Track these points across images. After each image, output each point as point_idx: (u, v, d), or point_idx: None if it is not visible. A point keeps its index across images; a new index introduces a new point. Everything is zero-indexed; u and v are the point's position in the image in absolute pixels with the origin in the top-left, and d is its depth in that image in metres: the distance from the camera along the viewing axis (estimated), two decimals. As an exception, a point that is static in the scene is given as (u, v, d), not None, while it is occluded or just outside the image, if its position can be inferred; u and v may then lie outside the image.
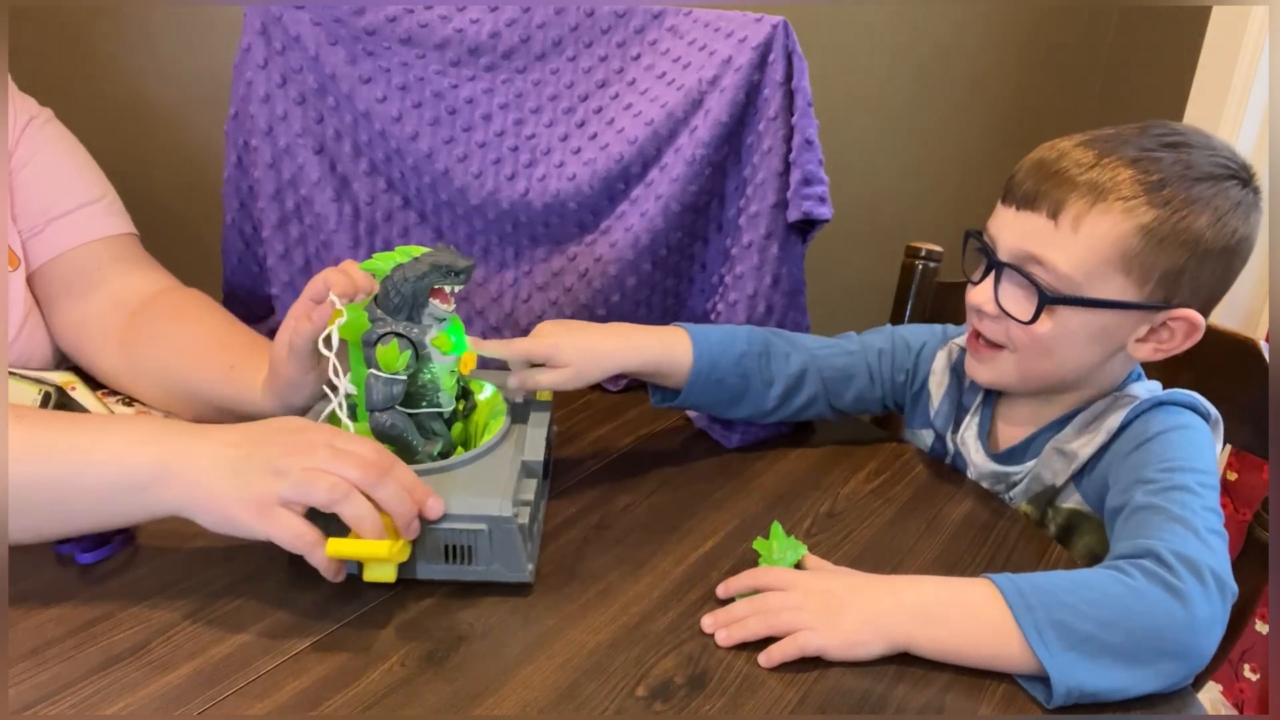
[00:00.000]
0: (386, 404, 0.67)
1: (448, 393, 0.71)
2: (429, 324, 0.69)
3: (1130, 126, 0.72)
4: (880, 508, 0.80)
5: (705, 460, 0.88)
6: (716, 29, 0.96)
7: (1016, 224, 0.72)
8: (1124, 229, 0.68)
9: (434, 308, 0.69)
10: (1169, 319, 0.70)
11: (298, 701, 0.56)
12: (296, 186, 1.00)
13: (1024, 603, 0.59)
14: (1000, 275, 0.73)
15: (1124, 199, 0.67)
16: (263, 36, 0.97)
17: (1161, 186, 0.67)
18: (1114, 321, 0.71)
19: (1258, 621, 1.34)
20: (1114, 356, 0.74)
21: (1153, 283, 0.69)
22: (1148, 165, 0.68)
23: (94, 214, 0.90)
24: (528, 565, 0.65)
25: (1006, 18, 1.51)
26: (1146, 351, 0.72)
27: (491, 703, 0.57)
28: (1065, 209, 0.69)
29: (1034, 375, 0.76)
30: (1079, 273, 0.69)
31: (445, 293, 0.68)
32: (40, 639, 0.60)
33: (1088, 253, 0.68)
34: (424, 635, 0.62)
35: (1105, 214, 0.68)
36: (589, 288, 0.99)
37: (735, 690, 0.58)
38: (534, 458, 0.70)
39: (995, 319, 0.74)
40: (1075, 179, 0.69)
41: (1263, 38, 1.25)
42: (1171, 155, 0.69)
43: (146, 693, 0.56)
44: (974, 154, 1.58)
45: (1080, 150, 0.70)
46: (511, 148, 0.99)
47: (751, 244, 0.94)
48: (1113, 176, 0.68)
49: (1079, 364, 0.74)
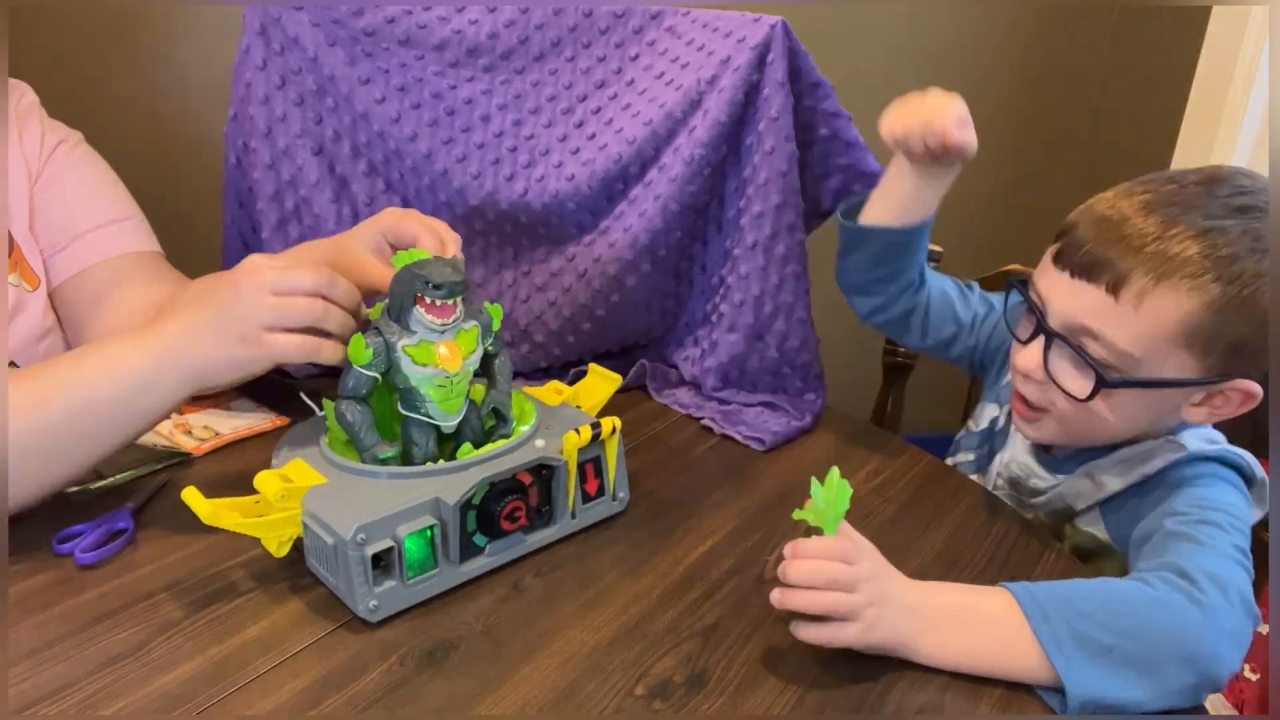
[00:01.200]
0: (345, 394, 0.67)
1: (438, 406, 0.68)
2: (416, 331, 0.67)
3: (1194, 180, 0.67)
4: (880, 507, 0.80)
5: (705, 460, 0.88)
6: (715, 29, 0.96)
7: (1072, 294, 0.68)
8: (1189, 308, 0.64)
9: (419, 316, 0.66)
10: (1229, 389, 0.67)
11: (298, 701, 0.56)
12: (295, 188, 1.00)
13: (1041, 613, 0.58)
14: (1050, 343, 0.70)
15: (1191, 276, 0.63)
16: (261, 38, 0.97)
17: (1230, 262, 0.63)
18: (1169, 394, 0.68)
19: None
20: (1166, 418, 0.72)
21: (1214, 356, 0.66)
22: (1216, 237, 0.64)
23: (121, 231, 0.90)
24: (369, 601, 0.62)
25: (1006, 18, 1.51)
26: (1202, 415, 0.69)
27: (491, 702, 0.57)
28: (1128, 285, 0.65)
29: (1079, 437, 0.74)
30: (1138, 350, 0.66)
31: (428, 303, 0.66)
32: (40, 639, 0.60)
33: (1150, 331, 0.65)
34: (424, 635, 0.62)
35: (1171, 291, 0.64)
36: (588, 288, 0.99)
37: (734, 689, 0.58)
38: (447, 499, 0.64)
39: (1042, 384, 0.71)
40: (1139, 251, 0.64)
41: (1263, 38, 1.26)
42: (1240, 224, 0.64)
43: (146, 693, 0.56)
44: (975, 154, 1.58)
45: (1143, 216, 0.66)
46: (510, 149, 0.99)
47: (756, 244, 0.94)
48: (1180, 251, 0.64)
49: (1128, 429, 0.72)
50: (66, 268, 0.88)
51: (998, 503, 0.81)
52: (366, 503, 0.62)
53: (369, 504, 0.62)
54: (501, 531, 0.68)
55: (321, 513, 0.62)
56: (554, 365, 1.06)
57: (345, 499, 0.63)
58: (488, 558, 0.68)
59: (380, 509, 0.62)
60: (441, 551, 0.65)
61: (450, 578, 0.66)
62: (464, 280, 0.65)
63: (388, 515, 0.62)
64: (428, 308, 0.66)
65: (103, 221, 0.89)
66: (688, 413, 0.97)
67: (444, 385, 0.68)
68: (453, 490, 0.64)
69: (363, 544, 0.60)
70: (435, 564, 0.65)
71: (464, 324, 0.68)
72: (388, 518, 0.62)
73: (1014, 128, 1.58)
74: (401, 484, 0.65)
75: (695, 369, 1.02)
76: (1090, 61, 1.58)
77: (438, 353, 0.67)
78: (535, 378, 1.05)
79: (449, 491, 0.64)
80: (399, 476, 0.66)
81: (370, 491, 0.64)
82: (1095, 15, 1.54)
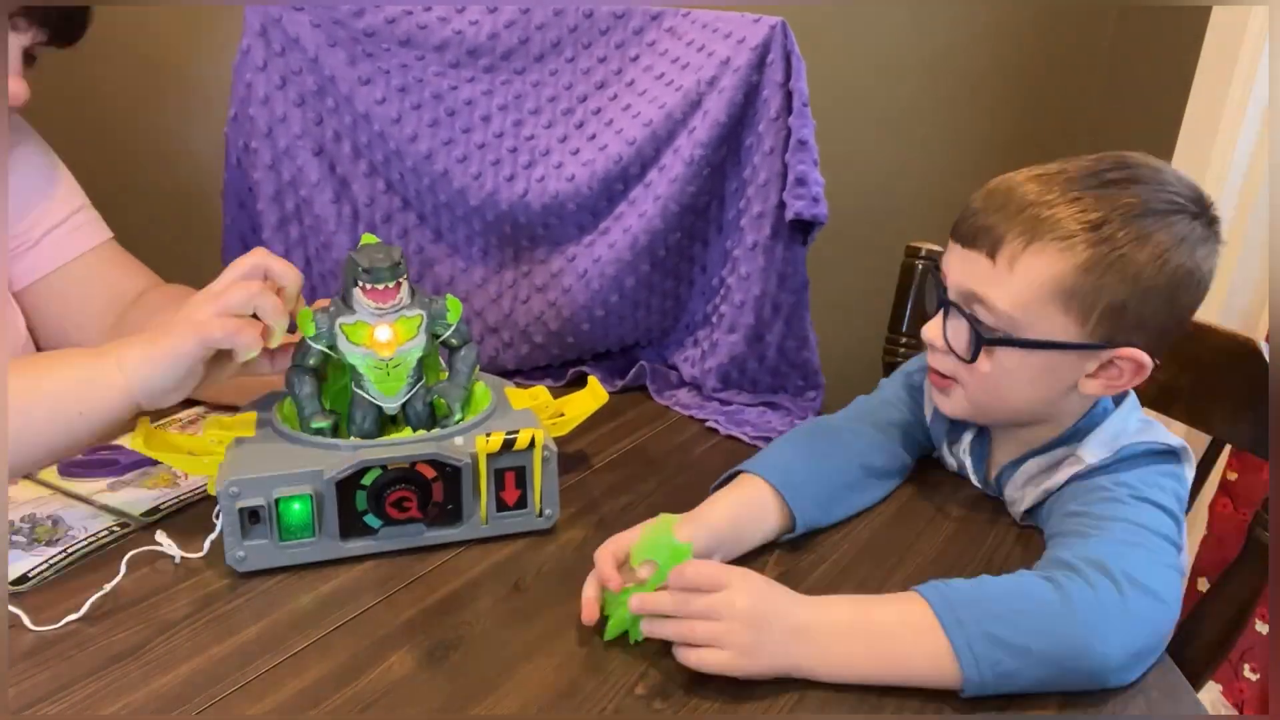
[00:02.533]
0: (294, 363, 0.71)
1: (376, 386, 0.71)
2: (356, 311, 0.69)
3: (1083, 160, 0.71)
4: (880, 507, 0.80)
5: (705, 460, 0.88)
6: (715, 30, 0.96)
7: (960, 262, 0.72)
8: (1060, 268, 0.67)
9: (358, 298, 0.68)
10: (1115, 357, 0.69)
11: (298, 701, 0.56)
12: (296, 188, 1.00)
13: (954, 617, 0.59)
14: (948, 312, 0.73)
15: (1060, 238, 0.67)
16: (262, 38, 0.98)
17: (1099, 225, 0.66)
18: (1056, 360, 0.70)
19: (1258, 621, 1.33)
20: (1069, 392, 0.72)
21: (1093, 321, 0.68)
22: (1087, 203, 0.67)
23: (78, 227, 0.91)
24: (236, 551, 0.66)
25: (1006, 18, 1.51)
26: (1097, 387, 0.71)
27: (491, 702, 0.57)
28: (1002, 248, 0.68)
29: (987, 410, 0.76)
30: (1018, 311, 0.68)
31: (365, 288, 0.68)
32: (40, 639, 0.60)
33: (1024, 292, 0.68)
34: (424, 635, 0.62)
35: (1040, 253, 0.67)
36: (587, 289, 0.99)
37: (734, 689, 0.58)
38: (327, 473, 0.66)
39: (944, 354, 0.74)
40: (1014, 216, 0.68)
41: (1263, 38, 1.25)
42: (1114, 192, 0.68)
43: (146, 693, 0.56)
44: (974, 154, 1.58)
45: (1021, 189, 0.70)
46: (510, 149, 0.99)
47: (757, 245, 0.95)
48: (1051, 215, 0.67)
49: (1028, 400, 0.73)
50: (31, 270, 0.88)
51: (997, 503, 0.81)
52: (260, 461, 0.66)
53: (260, 462, 0.66)
54: (391, 519, 0.69)
55: (225, 461, 0.67)
56: (553, 365, 1.06)
57: (252, 455, 0.68)
58: (378, 540, 0.70)
59: (263, 469, 0.65)
60: (319, 522, 0.67)
61: (330, 549, 0.69)
62: (391, 266, 0.68)
63: (265, 476, 0.65)
64: (366, 291, 0.68)
65: (60, 218, 0.89)
66: (689, 413, 0.97)
67: (380, 367, 0.70)
68: (330, 465, 0.67)
69: (235, 496, 0.64)
70: (314, 533, 0.68)
71: (407, 311, 0.70)
72: (264, 479, 0.65)
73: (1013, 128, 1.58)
74: (306, 451, 0.68)
75: (695, 370, 1.02)
76: (1090, 61, 1.57)
77: (373, 335, 0.69)
78: (535, 377, 1.05)
79: (328, 466, 0.67)
80: (310, 445, 0.69)
81: (275, 453, 0.68)
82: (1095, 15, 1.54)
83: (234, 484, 0.64)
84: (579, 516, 0.77)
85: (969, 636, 0.58)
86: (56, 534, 0.71)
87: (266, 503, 0.65)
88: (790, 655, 0.59)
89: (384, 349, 0.69)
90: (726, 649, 0.58)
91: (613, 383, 1.03)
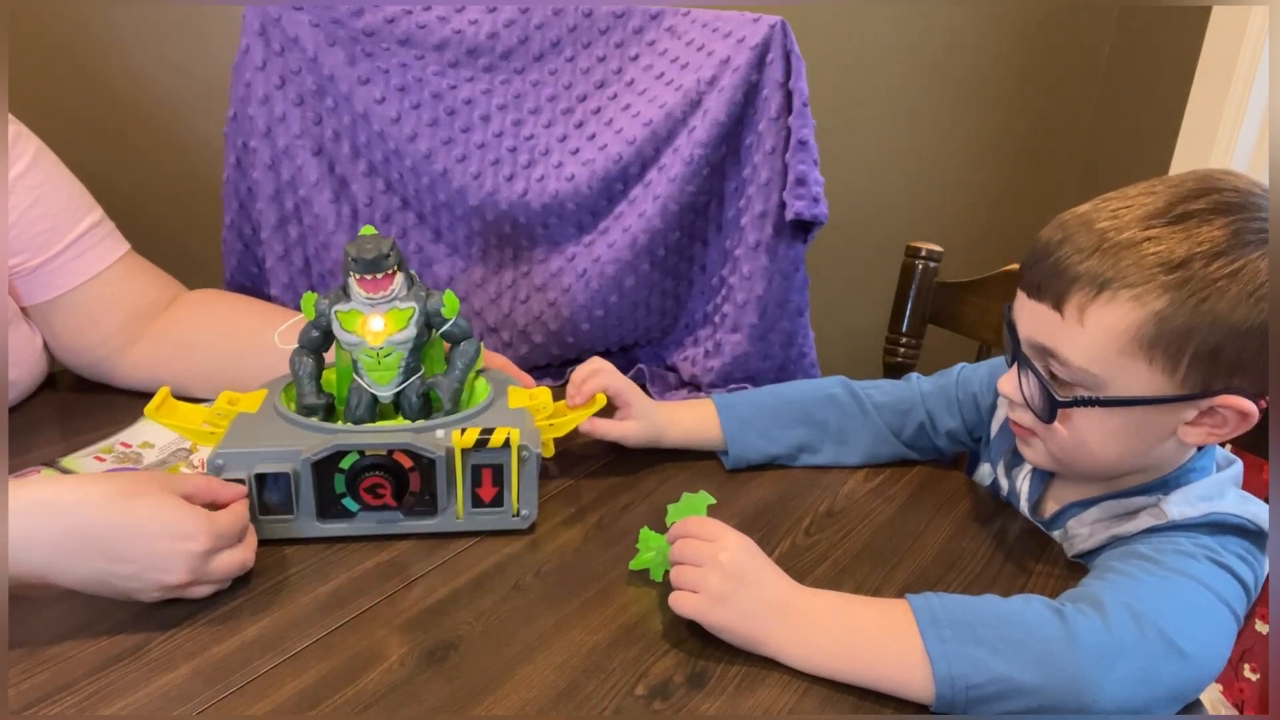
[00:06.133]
0: (298, 341, 0.74)
1: (369, 375, 0.72)
2: (352, 300, 0.71)
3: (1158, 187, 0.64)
4: (880, 507, 0.81)
5: (705, 460, 0.88)
6: (715, 29, 0.96)
7: (1030, 314, 0.67)
8: (1134, 319, 0.61)
9: (352, 287, 0.71)
10: (1217, 405, 0.62)
11: (298, 701, 0.56)
12: (295, 188, 1.00)
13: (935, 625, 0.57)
14: (1022, 365, 0.68)
15: (1131, 286, 0.61)
16: (261, 38, 0.97)
17: (1178, 266, 0.60)
18: (1144, 416, 0.64)
19: (1258, 621, 1.33)
20: (1164, 444, 0.66)
21: (1183, 369, 0.61)
22: (1166, 242, 0.60)
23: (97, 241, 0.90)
24: None
25: (1006, 18, 1.51)
26: (1200, 436, 0.65)
27: (491, 702, 0.57)
28: (1069, 300, 0.63)
29: (1073, 465, 0.70)
30: (1095, 365, 0.63)
31: (358, 277, 0.70)
32: (40, 639, 0.60)
33: (1100, 347, 0.62)
34: (424, 635, 0.62)
35: (1110, 304, 0.61)
36: (587, 289, 0.99)
37: (734, 689, 0.58)
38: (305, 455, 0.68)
39: (1023, 408, 0.69)
40: (1075, 267, 0.62)
41: (1263, 38, 1.25)
42: (1194, 225, 0.61)
43: (146, 693, 0.56)
44: (974, 153, 1.58)
45: (1085, 230, 0.63)
46: (510, 149, 0.99)
47: (759, 244, 0.95)
48: (1115, 262, 0.61)
49: (1119, 456, 0.67)
50: (50, 287, 0.88)
51: (997, 503, 0.81)
52: (250, 436, 0.69)
53: (249, 438, 0.69)
54: (366, 504, 0.70)
55: (224, 435, 0.70)
56: (553, 365, 1.06)
57: (244, 430, 0.70)
58: (353, 525, 0.71)
59: (249, 444, 0.68)
60: (294, 497, 0.69)
61: (307, 528, 0.70)
62: (379, 258, 0.69)
63: (248, 452, 0.67)
64: (358, 281, 0.70)
65: (79, 233, 0.88)
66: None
67: (371, 355, 0.72)
68: (309, 448, 0.68)
69: (220, 468, 0.67)
70: (292, 511, 0.69)
71: (400, 303, 0.72)
72: (247, 454, 0.67)
73: (1013, 128, 1.58)
74: (292, 431, 0.70)
75: (696, 369, 1.02)
76: (1090, 61, 1.58)
77: (365, 324, 0.71)
78: (534, 376, 1.04)
79: (311, 448, 0.68)
80: (298, 425, 0.71)
81: (265, 430, 0.70)
82: (1095, 15, 1.54)
83: (220, 456, 0.67)
84: (579, 516, 0.77)
85: (949, 654, 0.56)
86: None
87: (248, 476, 0.67)
88: (762, 626, 0.59)
89: (374, 338, 0.71)
90: (701, 593, 0.60)
91: (612, 382, 1.03)
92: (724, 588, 0.60)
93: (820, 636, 0.59)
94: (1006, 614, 0.59)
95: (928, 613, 0.58)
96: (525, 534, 0.74)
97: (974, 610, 0.59)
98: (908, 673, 0.57)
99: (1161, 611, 0.58)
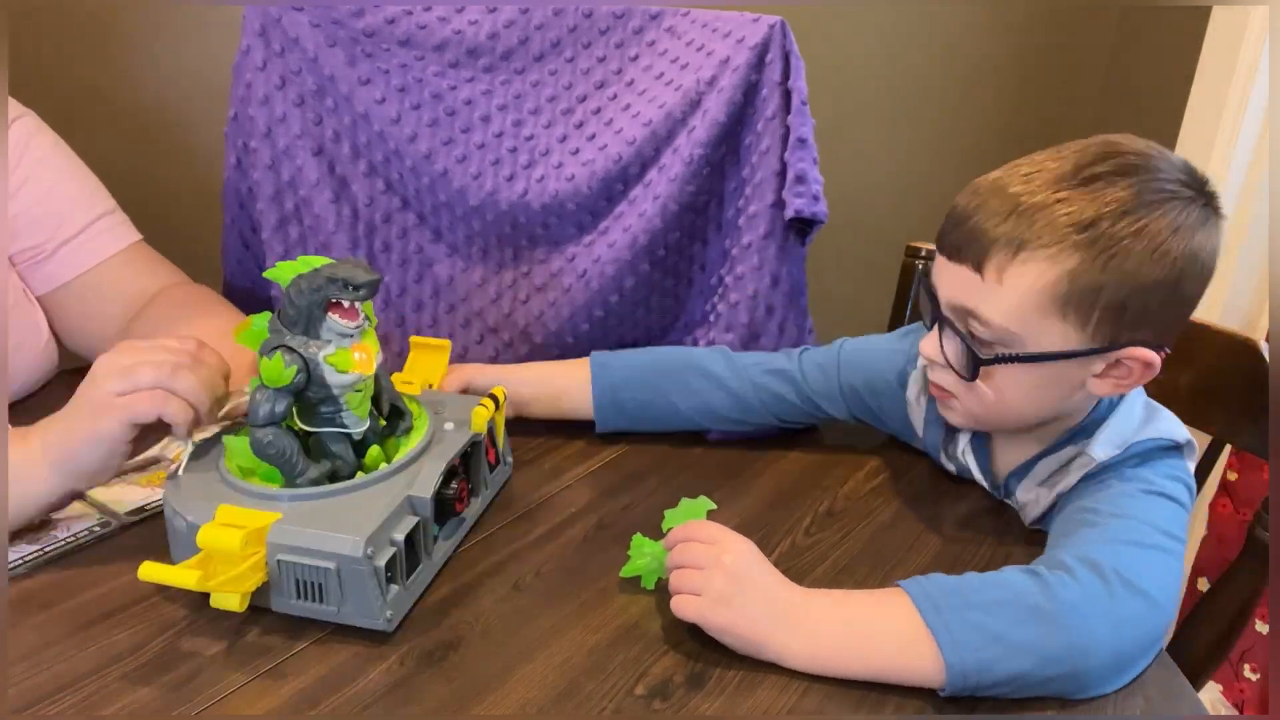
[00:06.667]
0: (267, 420, 0.62)
1: (354, 413, 0.66)
2: (329, 339, 0.63)
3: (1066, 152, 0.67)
4: (880, 507, 0.81)
5: (705, 460, 0.88)
6: (714, 29, 0.96)
7: (948, 275, 0.69)
8: (1051, 275, 0.64)
9: (333, 322, 0.63)
10: (1122, 357, 0.67)
11: (298, 701, 0.56)
12: (295, 188, 1.00)
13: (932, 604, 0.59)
14: (943, 327, 0.71)
15: (1045, 246, 0.64)
16: (261, 38, 0.98)
17: (1087, 225, 0.63)
18: (1059, 370, 0.68)
19: (1258, 621, 1.33)
20: (1075, 394, 0.70)
21: (1093, 324, 0.65)
22: (1075, 203, 0.64)
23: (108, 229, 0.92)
24: (385, 613, 0.60)
25: (1006, 18, 1.51)
26: (1107, 388, 0.69)
27: (491, 702, 0.57)
28: (988, 260, 0.65)
29: (993, 420, 0.74)
30: (1014, 324, 0.66)
31: (344, 307, 0.63)
32: (40, 639, 0.60)
33: (1018, 305, 0.65)
34: (424, 635, 0.62)
35: (1027, 264, 0.64)
36: (587, 289, 0.99)
37: (734, 689, 0.58)
38: (421, 494, 0.64)
39: (944, 369, 0.72)
40: (993, 230, 0.65)
41: (1263, 38, 1.25)
42: (1101, 187, 0.64)
43: (146, 692, 0.56)
44: (974, 153, 1.58)
45: (1003, 193, 0.66)
46: (510, 149, 0.99)
47: (751, 244, 0.94)
48: (1030, 224, 0.64)
49: (1035, 410, 0.72)
50: (58, 274, 0.89)
51: (997, 503, 0.81)
52: (347, 519, 0.60)
53: (352, 519, 0.60)
54: (452, 513, 0.70)
55: (308, 542, 0.59)
56: (554, 365, 1.06)
57: (320, 523, 0.60)
58: (445, 542, 0.70)
59: (372, 518, 0.60)
60: (422, 546, 0.66)
61: (430, 570, 0.67)
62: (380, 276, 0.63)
63: (384, 522, 0.60)
64: (343, 312, 0.63)
65: (89, 220, 0.90)
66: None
67: (360, 390, 0.66)
68: (419, 484, 0.65)
69: (372, 556, 0.59)
70: (420, 559, 0.66)
71: (364, 324, 0.65)
72: (384, 525, 0.60)
73: (1013, 128, 1.58)
74: (358, 495, 0.63)
75: (695, 369, 1.02)
76: (1090, 61, 1.58)
77: (354, 357, 0.64)
78: (535, 378, 1.05)
79: (417, 486, 0.65)
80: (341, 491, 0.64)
81: (336, 509, 0.61)
82: (1095, 15, 1.54)
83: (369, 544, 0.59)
84: (579, 516, 0.77)
85: (948, 622, 0.57)
86: (40, 532, 0.71)
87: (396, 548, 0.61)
88: (765, 627, 0.60)
89: (367, 367, 0.65)
90: (703, 595, 0.60)
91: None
92: (728, 590, 0.60)
93: (823, 634, 0.60)
94: (988, 579, 0.61)
95: (920, 591, 0.60)
96: (525, 534, 0.74)
97: (959, 581, 0.61)
98: (913, 651, 0.58)
99: (1118, 557, 0.61)
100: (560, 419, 0.91)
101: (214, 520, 0.60)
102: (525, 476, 0.83)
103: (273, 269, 0.64)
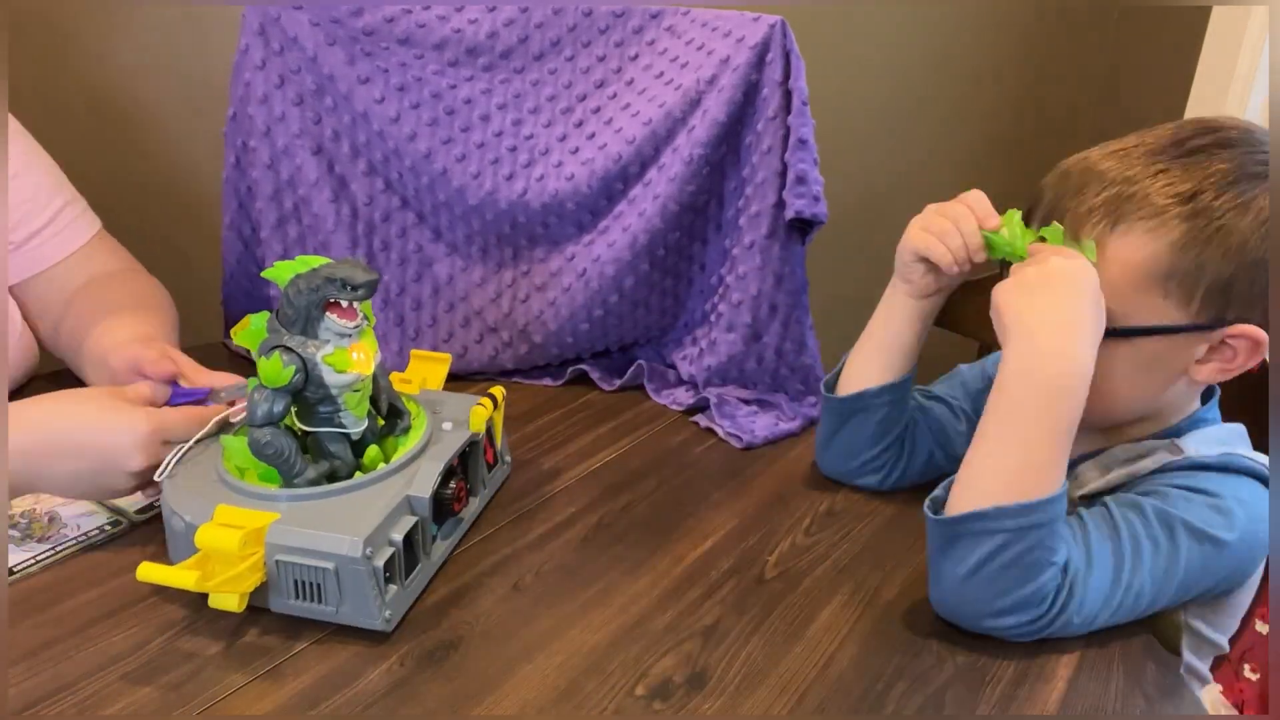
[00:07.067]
0: (265, 421, 0.62)
1: (353, 413, 0.66)
2: (327, 339, 0.63)
3: (1160, 130, 0.66)
4: (879, 506, 0.80)
5: (705, 460, 0.88)
6: (714, 29, 0.96)
7: None
8: (1151, 249, 0.62)
9: (331, 322, 0.63)
10: (1227, 336, 0.64)
11: (298, 701, 0.56)
12: (294, 187, 1.00)
13: None
14: None
15: (1145, 217, 0.62)
16: (261, 37, 0.97)
17: (1189, 198, 0.61)
18: (1161, 348, 0.65)
19: (1258, 621, 1.33)
20: (1175, 384, 0.67)
21: (1198, 300, 0.63)
22: (1175, 175, 0.62)
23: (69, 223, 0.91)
24: (384, 613, 0.60)
25: (1006, 18, 1.51)
26: (1211, 373, 0.65)
27: (491, 702, 0.57)
28: (1085, 234, 0.64)
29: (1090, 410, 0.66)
30: (1112, 301, 0.63)
31: (343, 307, 0.62)
32: (40, 639, 0.60)
33: (1117, 278, 0.63)
34: (423, 635, 0.62)
35: (1129, 235, 0.63)
36: (587, 288, 0.99)
37: (734, 689, 0.58)
38: (419, 493, 0.64)
39: None
40: (1089, 200, 0.64)
41: (1263, 38, 1.26)
42: (1202, 159, 0.62)
43: (146, 692, 0.56)
44: (974, 153, 1.58)
45: (1098, 167, 0.65)
46: (510, 148, 0.99)
47: (754, 244, 0.94)
48: (1135, 192, 0.62)
49: (1134, 397, 0.68)
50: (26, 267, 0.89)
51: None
52: (346, 519, 0.60)
53: (350, 519, 0.60)
54: (450, 513, 0.70)
55: (306, 542, 0.59)
56: (552, 364, 1.06)
57: (318, 523, 0.60)
58: (444, 542, 0.70)
59: (370, 519, 0.60)
60: (421, 545, 0.66)
61: (428, 570, 0.67)
62: (379, 275, 0.63)
63: (382, 522, 0.60)
64: (341, 312, 0.63)
65: (51, 215, 0.89)
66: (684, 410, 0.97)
67: (359, 389, 0.66)
68: (418, 484, 0.65)
69: (370, 557, 0.59)
70: (418, 559, 0.65)
71: (362, 324, 0.65)
72: (382, 525, 0.60)
73: (1014, 128, 1.58)
74: (357, 495, 0.63)
75: (693, 368, 1.02)
76: (1090, 61, 1.58)
77: (352, 357, 0.64)
78: (533, 376, 1.05)
79: (415, 485, 0.65)
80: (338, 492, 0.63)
81: (335, 510, 0.61)
82: (1095, 15, 1.54)
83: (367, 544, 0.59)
84: (579, 516, 0.77)
85: None
86: (50, 530, 0.71)
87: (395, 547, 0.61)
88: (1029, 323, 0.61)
89: (365, 366, 0.65)
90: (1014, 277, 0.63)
91: (611, 381, 1.03)
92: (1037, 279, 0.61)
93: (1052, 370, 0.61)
94: None
95: None
96: (525, 534, 0.74)
97: None
98: None
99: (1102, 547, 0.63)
100: None
101: (212, 520, 0.59)
102: (524, 476, 0.83)
103: (271, 269, 0.64)
